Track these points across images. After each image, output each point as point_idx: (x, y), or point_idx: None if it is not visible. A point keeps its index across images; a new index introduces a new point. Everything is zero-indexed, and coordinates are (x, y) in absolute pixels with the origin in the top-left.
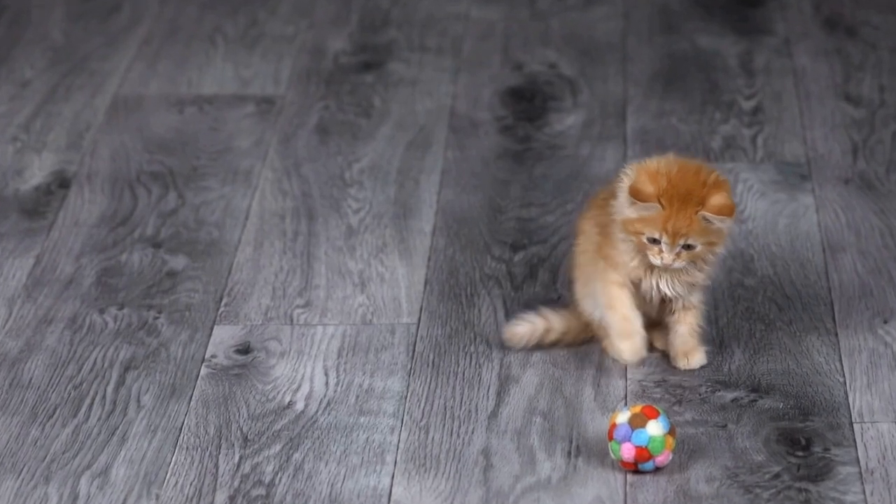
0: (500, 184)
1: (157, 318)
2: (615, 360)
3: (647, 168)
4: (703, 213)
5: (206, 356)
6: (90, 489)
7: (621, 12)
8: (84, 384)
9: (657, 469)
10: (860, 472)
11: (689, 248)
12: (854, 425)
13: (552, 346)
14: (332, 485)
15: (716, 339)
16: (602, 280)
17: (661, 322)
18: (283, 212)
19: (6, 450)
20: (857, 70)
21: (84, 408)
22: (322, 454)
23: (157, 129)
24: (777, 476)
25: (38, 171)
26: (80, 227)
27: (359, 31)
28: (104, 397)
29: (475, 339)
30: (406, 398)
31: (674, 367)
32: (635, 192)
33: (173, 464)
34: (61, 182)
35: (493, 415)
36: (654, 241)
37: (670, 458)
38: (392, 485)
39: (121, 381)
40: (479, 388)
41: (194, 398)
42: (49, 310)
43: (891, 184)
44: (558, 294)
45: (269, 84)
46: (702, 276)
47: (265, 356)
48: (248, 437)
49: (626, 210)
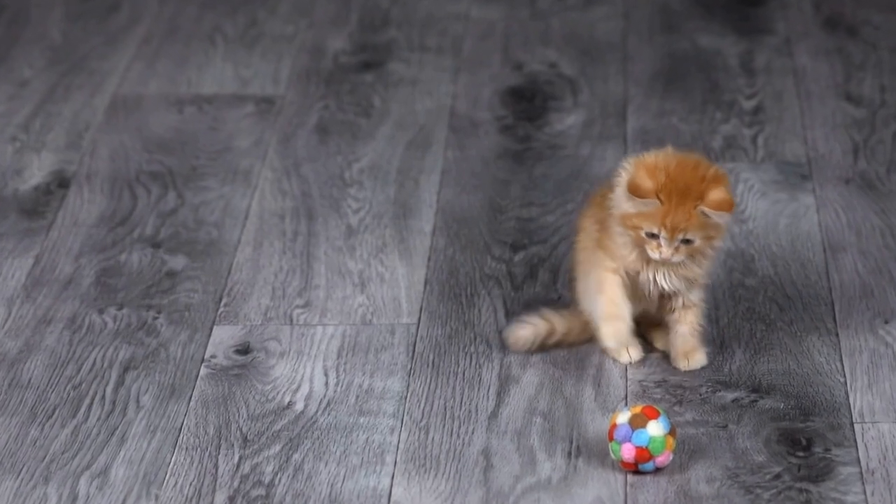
0: (501, 184)
1: (156, 318)
2: (615, 360)
3: (646, 163)
4: (702, 208)
5: (206, 356)
6: (89, 489)
7: (622, 12)
8: (83, 384)
9: (657, 469)
10: (861, 473)
11: (687, 242)
12: (855, 425)
13: (554, 347)
14: (331, 485)
15: (716, 339)
16: (596, 266)
17: (662, 322)
18: (282, 212)
19: (5, 450)
20: (857, 70)
21: (83, 408)
22: (322, 454)
23: (157, 129)
24: (778, 476)
25: (37, 171)
26: (79, 227)
27: (359, 30)
28: (103, 397)
29: (475, 340)
30: (406, 398)
31: (674, 368)
32: (634, 188)
33: (173, 464)
34: (60, 182)
35: (494, 415)
36: (653, 236)
37: (671, 458)
38: (392, 485)
39: (120, 382)
40: (479, 389)
41: (194, 398)
42: (48, 310)
43: (891, 183)
44: (559, 294)
45: (268, 84)
46: (699, 271)
47: (265, 356)
48: (248, 437)
49: (625, 204)
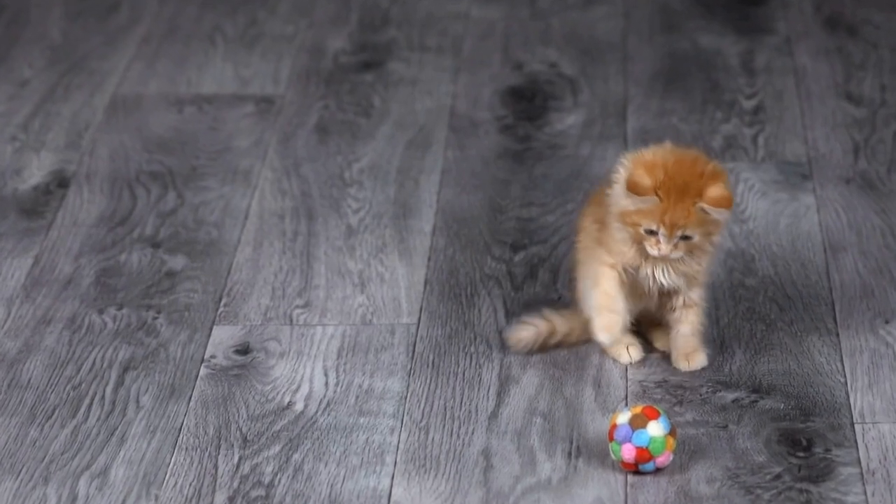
0: (501, 183)
1: (156, 318)
2: (615, 360)
3: (644, 160)
4: (701, 204)
5: (206, 356)
6: (89, 490)
7: (622, 11)
8: (83, 384)
9: (658, 470)
10: (861, 473)
11: (686, 238)
12: (855, 426)
13: (556, 347)
14: (331, 485)
15: (717, 339)
16: (594, 261)
17: (662, 321)
18: (282, 212)
19: (5, 450)
20: (858, 69)
21: (83, 408)
22: (322, 455)
23: (157, 129)
24: (778, 477)
25: (36, 171)
26: (78, 227)
27: (358, 30)
28: (103, 398)
29: (475, 340)
30: (406, 399)
31: (675, 368)
32: (633, 186)
33: (172, 464)
34: (60, 182)
35: (494, 415)
36: (652, 233)
37: (671, 458)
38: (392, 485)
39: (120, 382)
40: (479, 389)
41: (193, 399)
42: (48, 310)
43: (892, 183)
44: (559, 294)
45: (268, 83)
46: (698, 267)
47: (264, 356)
48: (248, 437)
49: (623, 201)
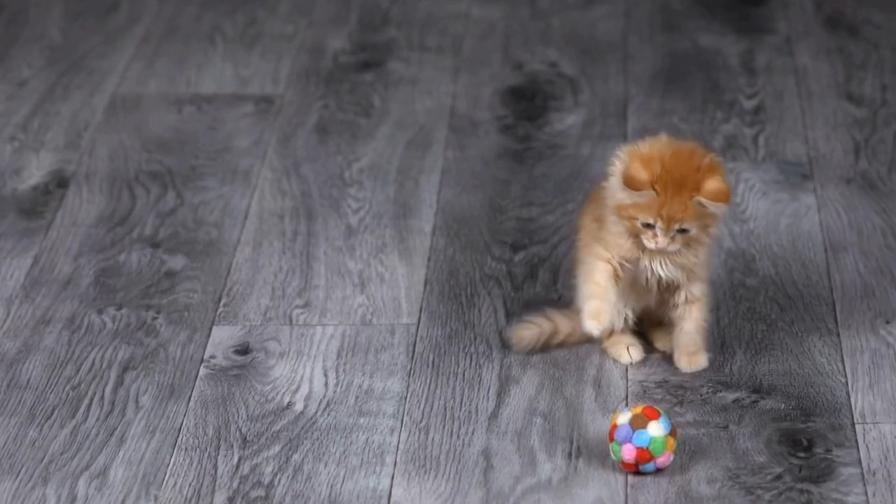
0: (501, 183)
1: (155, 318)
2: (616, 361)
3: (640, 153)
4: (699, 198)
5: (205, 357)
6: (88, 490)
7: (622, 11)
8: (82, 385)
9: (658, 470)
10: (862, 473)
11: (683, 231)
12: (856, 426)
13: (557, 347)
14: (331, 486)
15: (717, 339)
16: (590, 255)
17: (663, 321)
18: (282, 211)
19: (4, 451)
20: (858, 69)
21: (82, 408)
22: (321, 455)
23: (156, 129)
24: (779, 477)
25: (36, 171)
26: (78, 227)
27: (358, 30)
28: (102, 398)
29: (475, 340)
30: (406, 399)
31: (675, 368)
32: (629, 180)
33: (172, 465)
34: (59, 182)
35: (494, 416)
36: (649, 226)
37: (671, 459)
38: (392, 486)
39: (119, 382)
40: (479, 389)
41: (193, 399)
42: (47, 310)
43: (893, 183)
44: (559, 294)
45: (268, 83)
46: (695, 259)
47: (264, 357)
48: (248, 437)
49: (620, 194)
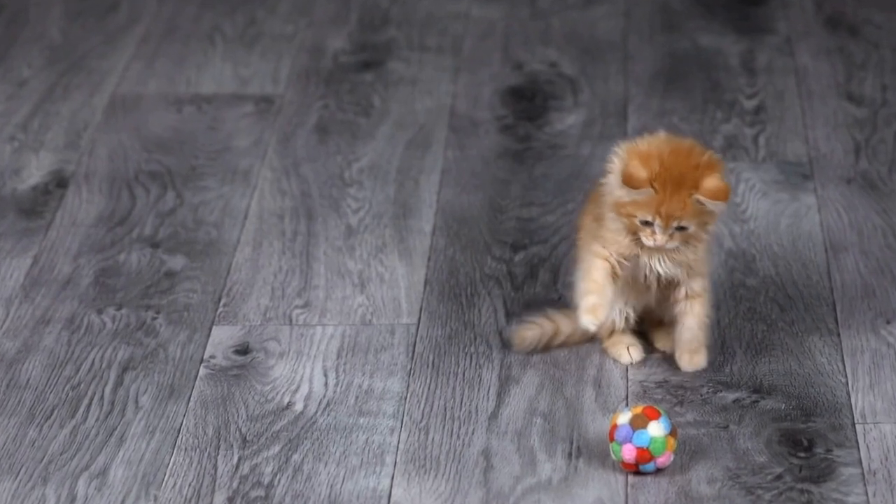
0: (501, 183)
1: (155, 318)
2: (616, 361)
3: (639, 151)
4: (698, 196)
5: (205, 357)
6: (88, 490)
7: (622, 11)
8: (82, 385)
9: (658, 470)
10: (862, 474)
11: (682, 229)
12: (856, 426)
13: (559, 347)
14: (331, 486)
15: (717, 339)
16: (588, 252)
17: (664, 320)
18: (281, 211)
19: (3, 451)
20: (859, 69)
21: (82, 408)
22: (321, 455)
23: (156, 129)
24: (779, 477)
25: (35, 171)
26: (77, 227)
27: (358, 30)
28: (102, 398)
29: (475, 340)
30: (406, 399)
31: (675, 368)
32: (628, 178)
33: (172, 465)
34: (59, 182)
35: (494, 416)
36: (647, 224)
37: (671, 459)
38: (392, 486)
39: (119, 382)
40: (479, 389)
41: (193, 399)
42: (47, 310)
43: (893, 183)
44: (559, 294)
45: (267, 83)
46: (694, 256)
47: (264, 357)
48: (247, 438)
49: (618, 192)
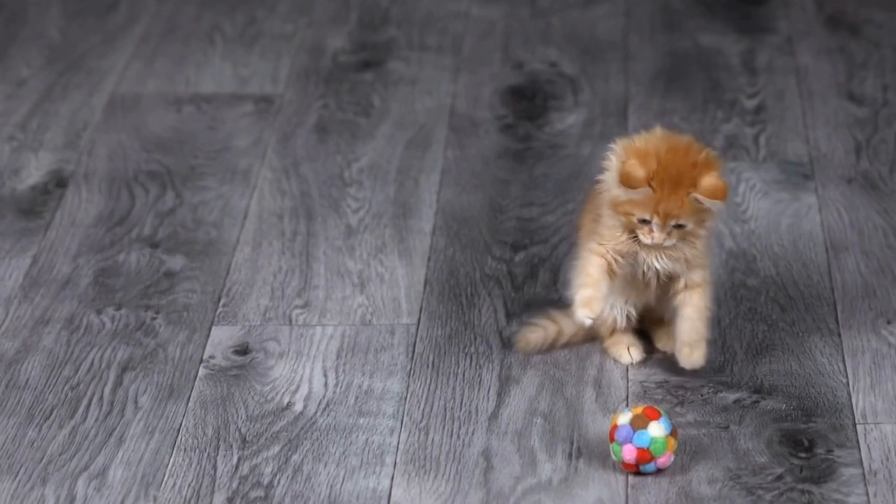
0: (501, 183)
1: (154, 318)
2: (616, 361)
3: (637, 149)
4: (696, 195)
5: (205, 357)
6: (87, 491)
7: (622, 10)
8: (81, 385)
9: (659, 470)
10: (863, 474)
11: (679, 227)
12: (857, 426)
13: (563, 347)
14: (331, 486)
15: (718, 339)
16: (584, 249)
17: (665, 317)
18: (281, 211)
19: (3, 451)
20: (860, 69)
21: (81, 409)
22: (321, 455)
23: (155, 128)
24: (780, 477)
25: (34, 171)
26: (77, 227)
27: (358, 29)
28: (101, 398)
29: (475, 340)
30: (406, 399)
31: (676, 368)
32: (626, 178)
33: (171, 465)
34: (58, 181)
35: (494, 416)
36: (645, 222)
37: (672, 459)
38: (392, 486)
39: (118, 382)
40: (479, 389)
41: (192, 399)
42: (46, 310)
43: (894, 183)
44: (559, 294)
45: (267, 83)
46: (691, 252)
47: (264, 357)
48: (247, 438)
49: (616, 190)
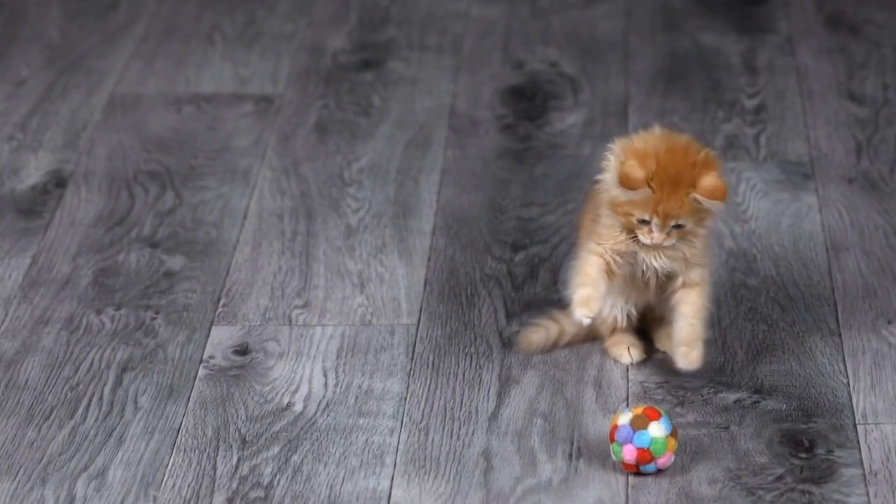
0: (501, 183)
1: (154, 318)
2: (616, 361)
3: (635, 149)
4: (695, 195)
5: (204, 357)
6: (87, 491)
7: (623, 10)
8: (81, 385)
9: (659, 471)
10: (864, 474)
11: (679, 227)
12: (858, 427)
13: (564, 347)
14: (331, 487)
15: (718, 339)
16: (583, 249)
17: (664, 319)
18: (281, 211)
19: (2, 452)
20: (860, 68)
21: (81, 409)
22: (321, 456)
23: (155, 128)
24: (780, 478)
25: (34, 171)
26: (76, 227)
27: (358, 29)
28: (101, 398)
29: (475, 340)
30: (406, 399)
31: (676, 369)
32: (625, 180)
33: (171, 465)
34: (58, 181)
35: (494, 416)
36: (644, 222)
37: (672, 459)
38: (391, 487)
39: (118, 383)
40: (479, 390)
41: (192, 399)
42: (45, 310)
43: (895, 183)
44: (559, 294)
45: (267, 83)
46: (691, 251)
47: (263, 357)
48: (247, 438)
49: (615, 190)
